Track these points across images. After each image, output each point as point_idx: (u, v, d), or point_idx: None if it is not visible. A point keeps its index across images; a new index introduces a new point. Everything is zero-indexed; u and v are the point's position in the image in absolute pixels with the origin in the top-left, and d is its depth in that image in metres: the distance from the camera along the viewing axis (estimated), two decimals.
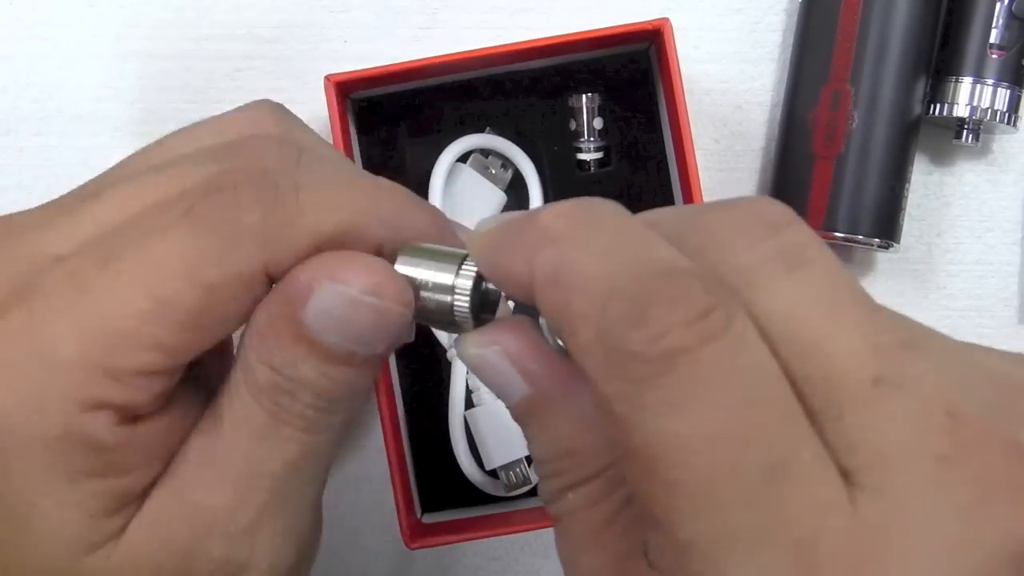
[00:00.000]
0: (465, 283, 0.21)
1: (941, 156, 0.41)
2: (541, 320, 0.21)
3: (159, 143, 0.24)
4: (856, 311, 0.18)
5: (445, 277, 0.21)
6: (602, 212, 0.20)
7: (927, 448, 0.16)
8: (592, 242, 0.19)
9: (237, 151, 0.23)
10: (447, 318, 0.22)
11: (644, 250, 0.18)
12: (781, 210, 0.19)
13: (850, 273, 0.18)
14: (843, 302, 0.18)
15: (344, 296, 0.20)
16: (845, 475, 0.17)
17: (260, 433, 0.21)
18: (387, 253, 0.22)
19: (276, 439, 0.21)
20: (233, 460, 0.21)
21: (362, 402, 0.23)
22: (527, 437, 0.22)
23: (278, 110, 0.25)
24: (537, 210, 0.20)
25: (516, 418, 0.22)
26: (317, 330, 0.20)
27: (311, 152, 0.23)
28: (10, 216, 0.23)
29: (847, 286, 0.18)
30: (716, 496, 0.16)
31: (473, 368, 0.22)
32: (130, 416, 0.21)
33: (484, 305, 0.22)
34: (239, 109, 0.25)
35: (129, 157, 0.24)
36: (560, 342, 0.21)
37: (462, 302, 0.21)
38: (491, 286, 0.22)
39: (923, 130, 0.39)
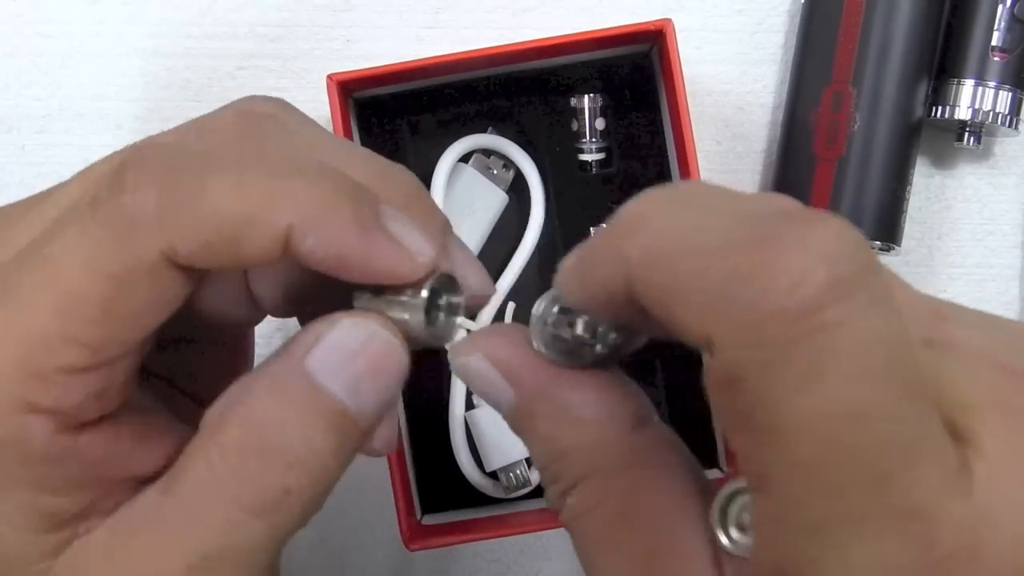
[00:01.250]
0: (418, 300, 0.22)
1: (942, 159, 0.41)
2: (534, 325, 0.21)
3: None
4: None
5: (401, 300, 0.22)
6: (679, 185, 0.19)
7: (1000, 401, 0.16)
8: (680, 209, 0.17)
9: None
10: (416, 335, 0.22)
11: (740, 201, 0.17)
12: (789, 204, 0.18)
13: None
14: None
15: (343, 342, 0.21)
16: (957, 440, 0.16)
17: (224, 509, 0.21)
18: (296, 241, 0.20)
19: (239, 518, 0.21)
20: (187, 531, 0.21)
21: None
22: (526, 446, 0.21)
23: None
24: (611, 220, 0.19)
25: (512, 427, 0.21)
26: (321, 377, 0.21)
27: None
28: None
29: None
30: (852, 478, 0.15)
31: (462, 378, 0.22)
32: (70, 424, 0.20)
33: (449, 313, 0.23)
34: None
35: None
36: (544, 349, 0.21)
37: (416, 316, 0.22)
38: (454, 299, 0.23)
39: (925, 132, 0.39)
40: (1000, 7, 0.37)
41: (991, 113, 0.38)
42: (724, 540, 0.18)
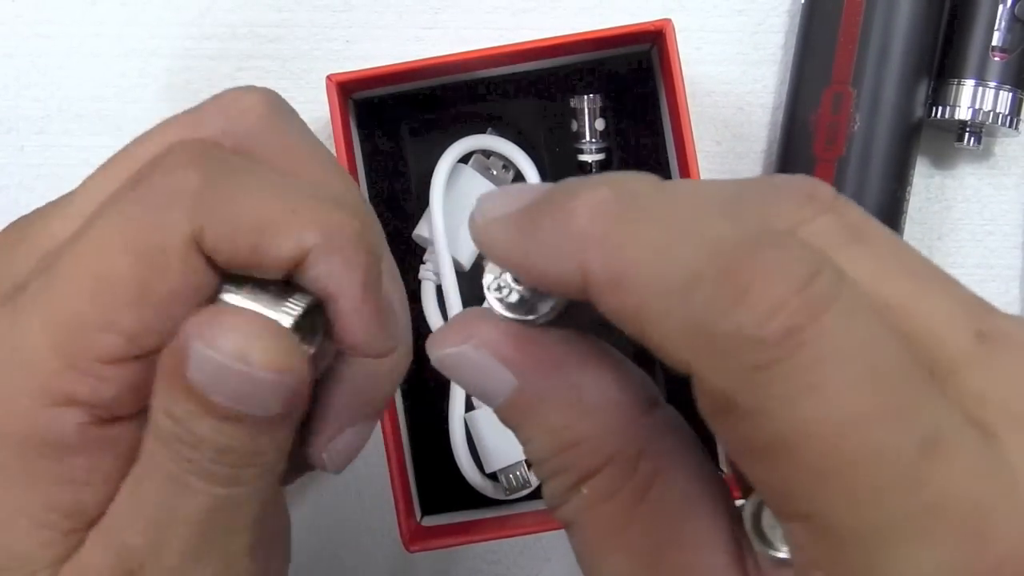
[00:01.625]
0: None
1: (943, 159, 0.41)
2: (490, 299, 0.19)
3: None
4: (934, 274, 0.17)
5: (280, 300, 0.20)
6: (641, 195, 0.18)
7: None
8: (645, 232, 0.17)
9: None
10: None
11: (709, 223, 0.17)
12: (829, 189, 0.18)
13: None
14: (919, 268, 0.17)
15: (213, 361, 0.19)
16: (983, 433, 0.16)
17: (169, 482, 0.20)
18: (306, 264, 0.20)
19: (186, 489, 0.20)
20: (150, 504, 0.20)
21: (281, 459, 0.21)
22: (520, 438, 0.20)
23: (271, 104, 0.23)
24: (564, 201, 0.18)
25: (506, 419, 0.20)
26: (202, 388, 0.19)
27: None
28: (26, 216, 0.23)
29: (915, 254, 0.18)
30: (875, 481, 0.15)
31: (451, 371, 0.19)
32: (104, 416, 0.20)
33: (314, 330, 0.21)
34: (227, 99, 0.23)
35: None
36: (529, 317, 0.19)
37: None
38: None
39: (925, 133, 0.39)
40: (1000, 7, 0.37)
41: (991, 113, 0.38)
42: (780, 554, 0.18)
